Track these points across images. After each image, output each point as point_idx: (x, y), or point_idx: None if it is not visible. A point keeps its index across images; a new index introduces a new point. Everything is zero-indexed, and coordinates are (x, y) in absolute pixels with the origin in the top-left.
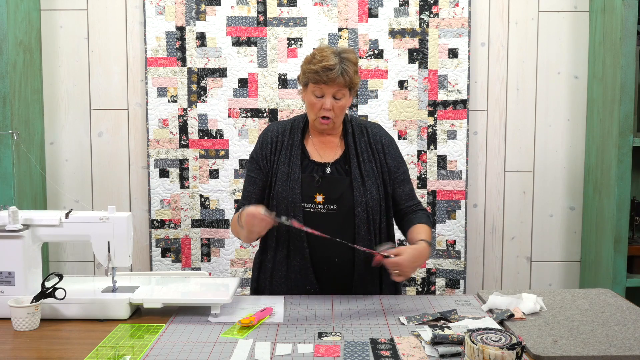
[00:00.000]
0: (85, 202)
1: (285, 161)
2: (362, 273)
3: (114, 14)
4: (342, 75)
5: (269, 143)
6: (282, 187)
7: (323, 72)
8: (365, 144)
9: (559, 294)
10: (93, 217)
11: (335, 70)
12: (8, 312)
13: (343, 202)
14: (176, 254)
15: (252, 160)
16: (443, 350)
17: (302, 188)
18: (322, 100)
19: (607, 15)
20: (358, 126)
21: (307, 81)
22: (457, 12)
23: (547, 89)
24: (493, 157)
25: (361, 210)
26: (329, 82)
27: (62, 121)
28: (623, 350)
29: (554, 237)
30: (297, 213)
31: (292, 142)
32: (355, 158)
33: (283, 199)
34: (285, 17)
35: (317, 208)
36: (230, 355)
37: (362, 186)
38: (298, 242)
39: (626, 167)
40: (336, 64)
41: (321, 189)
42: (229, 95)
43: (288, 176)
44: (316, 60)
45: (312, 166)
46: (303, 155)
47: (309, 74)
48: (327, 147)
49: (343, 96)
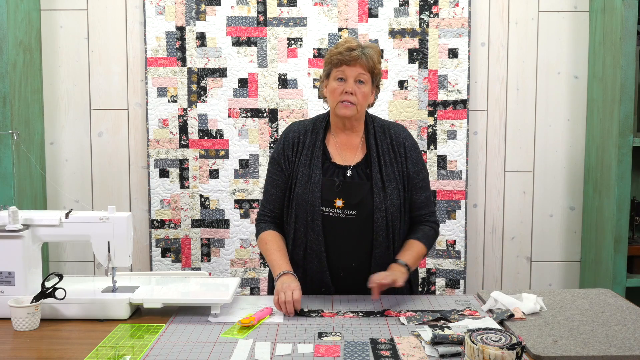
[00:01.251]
0: (85, 202)
1: (307, 163)
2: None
3: (114, 14)
4: (365, 57)
5: (290, 144)
6: (303, 190)
7: (346, 53)
8: (388, 146)
9: (559, 294)
10: (93, 217)
11: (357, 50)
12: (8, 312)
13: (363, 207)
14: (176, 254)
15: (274, 161)
16: (443, 350)
17: (322, 192)
18: (343, 84)
19: (607, 15)
20: (380, 127)
21: (330, 67)
22: (457, 12)
23: (547, 89)
24: (493, 157)
25: (380, 217)
26: (352, 62)
27: (62, 121)
28: (623, 350)
29: (554, 237)
30: (315, 217)
31: (313, 142)
32: (376, 162)
33: (302, 202)
34: (285, 17)
35: (337, 213)
36: (230, 355)
37: (382, 192)
38: (315, 246)
39: (626, 167)
40: (359, 45)
41: (341, 194)
42: (229, 95)
43: (309, 179)
44: (340, 44)
45: (333, 169)
46: (324, 156)
47: (332, 57)
48: (349, 148)
49: (366, 81)
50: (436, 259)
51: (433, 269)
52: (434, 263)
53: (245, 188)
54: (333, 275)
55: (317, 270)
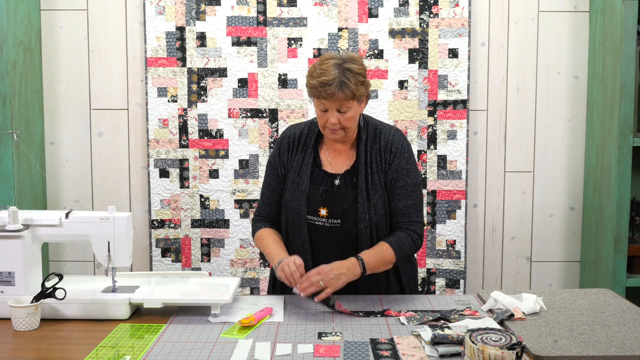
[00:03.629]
0: (85, 202)
1: (296, 170)
2: (367, 284)
3: (114, 14)
4: (342, 90)
5: (286, 150)
6: (290, 198)
7: (321, 88)
8: (377, 152)
9: (559, 294)
10: (93, 217)
11: (333, 85)
12: (8, 312)
13: (347, 216)
14: (176, 254)
15: (270, 165)
16: (443, 350)
17: (308, 200)
18: (326, 114)
19: (607, 15)
20: (373, 131)
21: (311, 94)
22: (457, 12)
23: (547, 89)
24: (493, 157)
25: (364, 227)
26: (329, 98)
27: (62, 121)
28: (623, 350)
29: (554, 237)
30: (301, 225)
31: (305, 149)
32: (363, 170)
33: (290, 209)
34: (285, 17)
35: (321, 221)
36: (230, 355)
37: (366, 201)
38: (302, 253)
39: (626, 167)
40: (335, 78)
41: (325, 203)
42: (229, 95)
43: (297, 186)
44: (316, 74)
45: (321, 177)
46: (315, 164)
47: (309, 88)
48: (340, 155)
49: (348, 109)
50: (436, 259)
51: (433, 269)
52: (434, 263)
53: (245, 188)
54: None
55: None
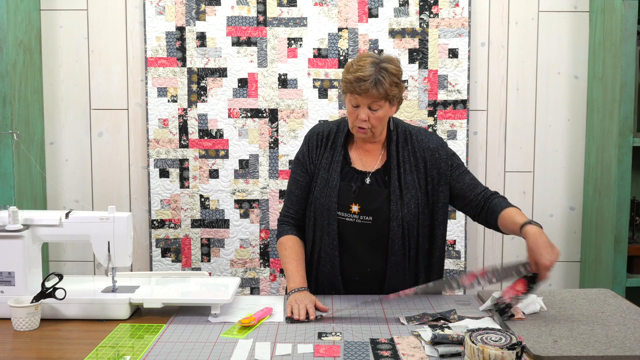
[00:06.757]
0: (85, 202)
1: (326, 166)
2: (393, 283)
3: (114, 14)
4: (376, 87)
5: (314, 146)
6: (320, 194)
7: (356, 83)
8: (409, 153)
9: (559, 294)
10: (93, 217)
11: (368, 81)
12: (8, 312)
13: (379, 214)
14: (176, 254)
15: (298, 162)
16: (443, 350)
17: (339, 196)
18: (357, 110)
19: (607, 15)
20: (403, 133)
21: (345, 89)
22: (457, 12)
23: (547, 89)
24: (493, 157)
25: (396, 225)
26: (362, 94)
27: (62, 121)
28: (623, 350)
29: (554, 237)
30: (331, 221)
31: (335, 146)
32: (396, 169)
33: (320, 206)
34: (285, 17)
35: (352, 218)
36: (230, 355)
37: (400, 199)
38: (330, 250)
39: (626, 167)
40: (371, 74)
41: (357, 199)
42: (229, 95)
43: (326, 183)
44: (352, 70)
45: (352, 174)
46: (344, 161)
47: (344, 83)
48: (370, 154)
49: (380, 107)
50: None
51: None
52: None
53: (245, 188)
54: (346, 280)
55: (329, 274)
